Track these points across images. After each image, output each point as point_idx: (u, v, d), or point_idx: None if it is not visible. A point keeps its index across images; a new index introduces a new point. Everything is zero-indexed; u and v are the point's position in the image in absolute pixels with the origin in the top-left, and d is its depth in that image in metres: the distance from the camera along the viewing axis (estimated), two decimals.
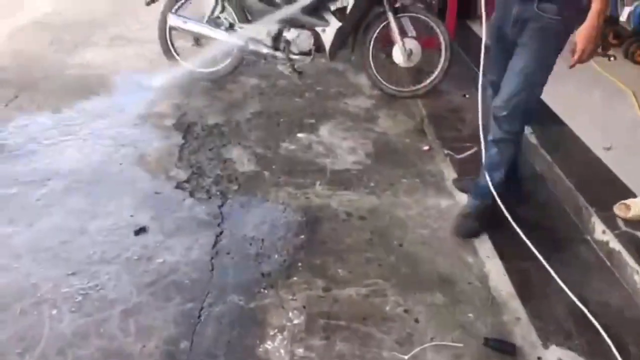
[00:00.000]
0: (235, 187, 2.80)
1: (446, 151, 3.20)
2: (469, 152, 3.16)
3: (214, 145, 3.19)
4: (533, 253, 2.21)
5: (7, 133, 3.19)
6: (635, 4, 4.00)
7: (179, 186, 2.79)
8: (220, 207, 2.63)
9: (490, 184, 2.39)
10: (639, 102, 3.45)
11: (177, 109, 3.60)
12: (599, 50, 2.16)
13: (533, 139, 3.06)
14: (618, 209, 2.37)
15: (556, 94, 3.49)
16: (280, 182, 2.86)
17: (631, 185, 2.61)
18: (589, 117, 3.29)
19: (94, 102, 3.63)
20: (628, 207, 2.35)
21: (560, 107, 3.37)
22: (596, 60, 4.09)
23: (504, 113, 2.29)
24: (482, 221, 2.50)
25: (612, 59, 2.21)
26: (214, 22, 3.78)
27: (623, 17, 4.12)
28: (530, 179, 2.89)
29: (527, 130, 3.12)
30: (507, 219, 2.33)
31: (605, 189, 2.61)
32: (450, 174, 2.99)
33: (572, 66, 2.15)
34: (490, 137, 2.41)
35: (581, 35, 2.05)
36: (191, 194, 2.73)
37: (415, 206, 2.70)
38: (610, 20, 4.40)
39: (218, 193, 2.74)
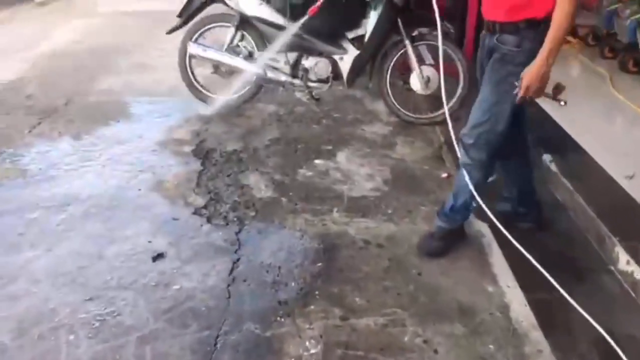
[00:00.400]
0: (253, 214, 2.80)
1: None
2: (489, 179, 3.12)
3: (232, 171, 3.21)
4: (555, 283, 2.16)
5: (29, 159, 3.25)
6: None
7: (196, 212, 2.80)
8: (237, 233, 2.63)
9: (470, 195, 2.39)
10: None
11: (195, 135, 3.64)
12: (550, 93, 2.17)
13: (554, 167, 3.03)
14: None
15: (575, 121, 3.48)
16: (298, 209, 2.85)
17: None
18: (610, 144, 3.25)
19: (114, 129, 3.68)
20: None
21: (580, 134, 3.34)
22: (616, 88, 4.07)
23: (470, 141, 2.32)
24: (446, 242, 2.52)
25: (562, 103, 2.22)
26: (233, 50, 3.84)
27: None
28: (551, 207, 2.85)
29: (547, 158, 3.10)
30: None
31: (629, 218, 2.57)
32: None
33: (517, 102, 2.15)
34: (460, 161, 2.41)
35: (527, 72, 2.06)
36: (209, 220, 2.73)
37: None
38: (629, 48, 4.39)
39: (235, 219, 2.74)
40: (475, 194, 2.33)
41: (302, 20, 3.55)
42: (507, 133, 2.29)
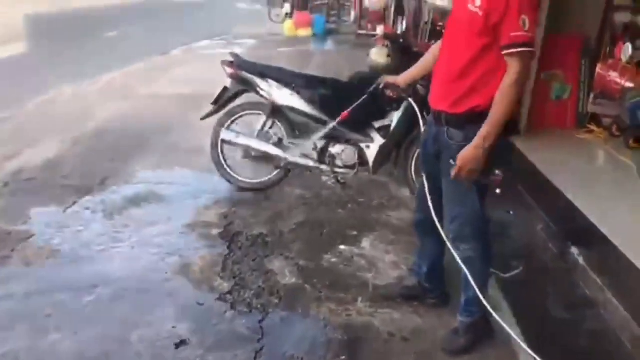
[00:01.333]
0: (277, 301, 2.80)
1: (491, 270, 3.13)
2: (515, 272, 3.09)
3: (257, 255, 3.24)
4: None
5: (61, 239, 3.33)
6: None
7: (221, 298, 2.81)
8: (260, 321, 2.62)
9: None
10: None
11: (223, 218, 3.70)
12: (487, 179, 2.19)
13: (582, 261, 2.99)
14: None
15: (603, 214, 3.45)
16: (322, 297, 2.84)
17: None
18: (639, 236, 3.19)
19: (145, 210, 3.77)
20: None
21: (608, 227, 3.29)
22: None
23: (453, 236, 2.35)
24: (471, 337, 2.48)
25: (497, 192, 2.29)
26: (264, 136, 3.98)
27: None
28: (581, 303, 2.79)
29: (575, 251, 3.07)
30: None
31: None
32: (496, 293, 2.91)
33: (451, 179, 2.18)
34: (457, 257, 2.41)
35: (462, 153, 2.11)
36: (232, 307, 2.74)
37: None
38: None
39: (259, 306, 2.75)
40: (475, 286, 2.30)
41: (332, 125, 3.61)
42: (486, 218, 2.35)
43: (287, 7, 15.19)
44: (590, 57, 5.38)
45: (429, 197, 2.41)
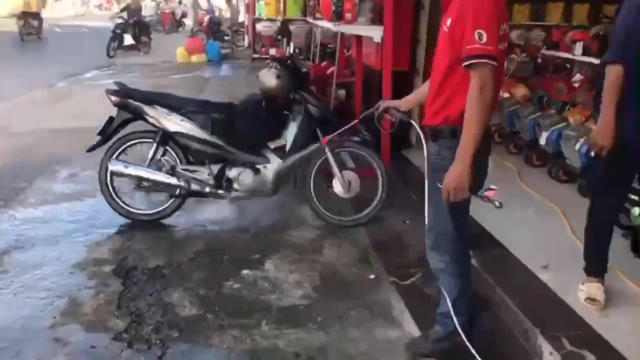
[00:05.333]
0: (176, 334, 2.67)
1: (392, 278, 3.21)
2: (413, 278, 3.19)
3: (155, 289, 3.09)
4: None
5: None
6: (552, 129, 4.37)
7: (116, 337, 2.64)
8: (160, 357, 2.49)
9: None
10: (568, 219, 3.62)
11: (116, 253, 3.50)
12: (481, 195, 2.25)
13: (474, 262, 3.12)
14: None
15: (490, 216, 3.65)
16: (225, 325, 2.76)
17: (570, 301, 2.67)
18: (524, 237, 3.41)
19: (30, 252, 3.49)
20: None
21: (496, 229, 3.49)
22: (524, 181, 4.35)
23: (430, 244, 2.41)
24: (437, 346, 2.48)
25: (497, 204, 2.38)
26: (156, 164, 3.83)
27: (542, 141, 4.47)
28: (475, 303, 2.90)
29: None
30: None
31: (548, 308, 2.66)
32: (396, 302, 2.98)
33: (445, 202, 2.19)
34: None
35: (446, 175, 2.14)
36: (129, 345, 2.59)
37: (364, 340, 2.64)
38: (531, 144, 4.76)
39: (158, 342, 2.61)
40: (449, 301, 2.33)
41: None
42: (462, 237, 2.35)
43: (128, 39, 14.31)
44: None
45: None
